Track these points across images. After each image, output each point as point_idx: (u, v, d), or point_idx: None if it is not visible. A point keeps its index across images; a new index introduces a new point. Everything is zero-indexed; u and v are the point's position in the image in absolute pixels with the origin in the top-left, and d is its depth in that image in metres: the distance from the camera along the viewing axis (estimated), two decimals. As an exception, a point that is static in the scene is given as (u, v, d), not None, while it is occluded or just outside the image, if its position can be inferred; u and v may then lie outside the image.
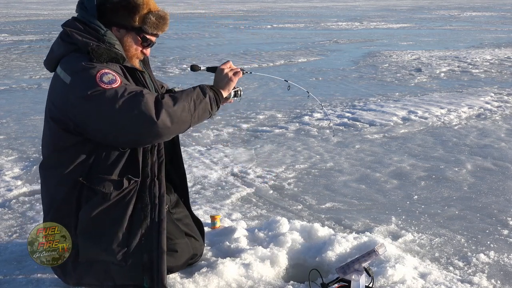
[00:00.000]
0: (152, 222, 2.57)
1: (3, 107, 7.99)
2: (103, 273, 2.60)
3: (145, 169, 2.59)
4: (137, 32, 2.61)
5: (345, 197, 4.34)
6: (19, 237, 3.55)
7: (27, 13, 32.52)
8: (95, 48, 2.47)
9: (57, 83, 2.54)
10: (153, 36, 2.67)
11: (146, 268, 2.57)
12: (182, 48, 15.43)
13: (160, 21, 2.63)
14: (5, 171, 5.00)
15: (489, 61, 12.31)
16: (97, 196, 2.53)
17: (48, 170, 2.62)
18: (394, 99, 8.23)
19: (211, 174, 4.83)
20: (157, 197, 2.60)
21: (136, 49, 2.66)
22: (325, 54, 14.14)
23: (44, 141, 2.67)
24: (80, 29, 2.54)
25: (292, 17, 29.46)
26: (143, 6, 2.57)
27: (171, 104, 2.44)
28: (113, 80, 2.42)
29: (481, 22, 24.98)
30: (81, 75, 2.43)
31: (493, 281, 2.96)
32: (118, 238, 2.53)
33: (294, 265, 3.10)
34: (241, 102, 8.10)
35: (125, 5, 2.56)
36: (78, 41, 2.51)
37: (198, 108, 2.52)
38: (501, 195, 4.33)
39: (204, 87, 2.60)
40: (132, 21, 2.58)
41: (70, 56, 2.52)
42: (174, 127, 2.46)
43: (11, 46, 15.93)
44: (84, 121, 2.46)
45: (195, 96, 2.53)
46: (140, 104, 2.38)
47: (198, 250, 2.99)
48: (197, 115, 2.53)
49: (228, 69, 2.70)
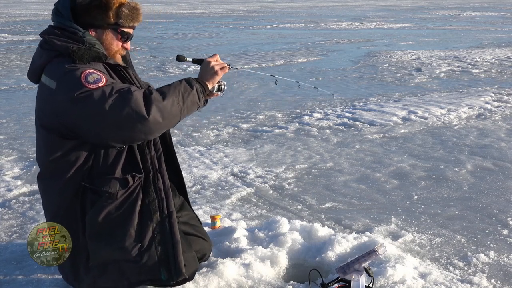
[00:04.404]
0: (162, 215, 2.57)
1: (3, 107, 7.99)
2: (118, 274, 2.58)
3: (146, 164, 2.59)
4: (114, 28, 2.62)
5: (345, 197, 4.34)
6: (19, 237, 3.55)
7: (27, 13, 32.52)
8: (76, 50, 2.47)
9: (43, 91, 2.53)
10: (130, 29, 2.67)
11: (162, 261, 2.56)
12: (182, 48, 15.43)
13: (134, 12, 2.63)
14: (5, 171, 5.00)
15: (489, 61, 12.32)
16: (103, 198, 2.52)
17: (48, 179, 2.60)
18: (394, 99, 8.23)
19: (211, 174, 4.83)
20: (163, 190, 2.61)
21: (117, 45, 2.66)
22: (325, 54, 14.14)
23: (38, 151, 2.65)
24: (58, 34, 2.54)
25: (292, 17, 29.47)
26: (114, 2, 2.58)
27: (160, 99, 2.45)
28: (99, 80, 2.42)
29: (481, 22, 24.99)
30: (65, 78, 2.43)
31: (493, 281, 2.96)
32: (131, 235, 2.52)
33: (294, 265, 3.10)
34: (241, 102, 8.13)
35: (97, 4, 2.56)
36: (58, 46, 2.51)
37: (186, 101, 2.54)
38: (501, 195, 4.33)
39: (190, 80, 2.62)
40: (107, 19, 2.58)
41: (53, 62, 2.52)
42: (165, 122, 2.47)
43: (11, 46, 15.94)
44: (74, 123, 2.45)
45: (183, 89, 2.55)
46: (129, 101, 2.39)
47: (207, 250, 3.01)
48: (186, 108, 2.54)
49: (214, 62, 2.71)
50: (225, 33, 20.44)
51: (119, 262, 2.56)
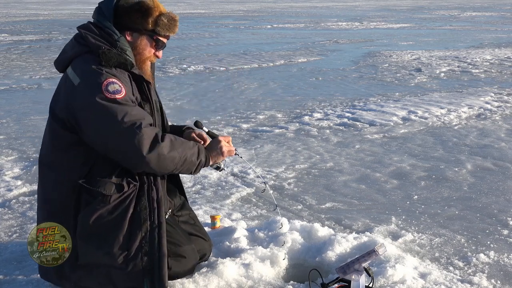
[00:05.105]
0: (151, 226, 2.58)
1: (3, 107, 7.99)
2: (104, 277, 2.60)
3: (141, 175, 2.62)
4: (150, 35, 2.68)
5: (345, 197, 4.34)
6: (19, 237, 3.55)
7: (27, 13, 32.52)
8: (106, 51, 2.54)
9: (65, 83, 2.59)
10: (165, 38, 2.74)
11: (146, 272, 2.57)
12: (182, 48, 15.43)
13: (172, 22, 2.71)
14: (5, 171, 5.00)
15: (489, 61, 12.32)
16: (97, 200, 2.54)
17: (46, 167, 2.65)
18: (394, 99, 8.23)
19: (211, 174, 4.83)
20: (155, 200, 2.62)
21: (150, 51, 2.72)
22: (325, 54, 14.14)
23: (44, 137, 2.71)
24: (95, 32, 2.60)
25: (292, 17, 29.47)
26: (155, 9, 2.66)
27: (166, 150, 2.53)
28: (118, 91, 2.49)
29: (481, 22, 24.99)
30: (88, 79, 2.50)
31: (493, 281, 2.96)
32: (119, 241, 2.54)
33: (294, 265, 3.10)
34: (241, 102, 8.13)
35: (138, 8, 2.63)
36: (90, 43, 2.57)
37: (184, 166, 2.63)
38: (501, 195, 4.33)
39: (201, 151, 2.70)
40: (145, 24, 2.65)
41: (81, 57, 2.58)
42: (155, 169, 2.56)
43: (11, 46, 15.93)
44: (79, 123, 2.51)
45: (189, 155, 2.63)
46: (135, 136, 2.46)
47: (207, 250, 3.02)
48: (179, 170, 2.65)
49: (225, 143, 2.81)
50: (225, 33, 20.44)
51: (106, 266, 2.57)
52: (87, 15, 29.69)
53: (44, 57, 13.56)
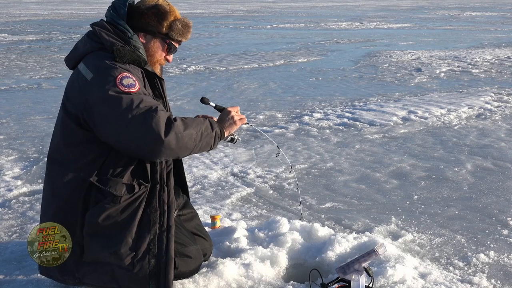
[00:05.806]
0: (161, 228, 2.58)
1: (3, 107, 7.99)
2: (109, 276, 2.60)
3: (154, 175, 2.62)
4: (163, 38, 2.71)
5: (345, 197, 4.34)
6: (19, 237, 3.55)
7: (27, 13, 32.52)
8: (120, 48, 2.55)
9: (77, 78, 2.59)
10: (177, 43, 2.77)
11: (152, 274, 2.56)
12: (182, 48, 15.37)
13: (186, 28, 2.73)
14: (5, 171, 5.00)
15: (489, 61, 12.32)
16: (107, 199, 2.53)
17: (55, 163, 2.63)
18: (394, 99, 8.23)
19: (211, 174, 4.83)
20: (166, 203, 2.62)
21: (161, 54, 2.75)
22: (325, 54, 14.14)
23: (54, 134, 2.70)
24: (109, 29, 2.62)
25: (292, 17, 29.47)
26: (171, 14, 2.68)
27: (181, 128, 2.51)
28: (132, 85, 2.49)
29: (481, 22, 24.99)
30: (102, 73, 2.50)
31: (493, 281, 2.96)
32: (127, 242, 2.54)
33: (294, 265, 3.10)
34: (241, 102, 8.13)
35: (155, 12, 2.66)
36: (104, 40, 2.58)
37: (202, 140, 2.60)
38: (501, 195, 4.33)
39: (213, 123, 2.70)
40: (160, 27, 2.68)
41: (94, 53, 2.59)
42: (176, 151, 2.52)
43: (11, 46, 15.93)
44: (94, 118, 2.50)
45: (204, 128, 2.61)
46: (153, 119, 2.44)
47: (207, 250, 3.02)
48: (199, 146, 2.61)
49: (235, 113, 2.81)
50: (225, 33, 20.44)
51: (112, 265, 2.57)
52: (87, 15, 29.73)
53: (44, 57, 13.57)
